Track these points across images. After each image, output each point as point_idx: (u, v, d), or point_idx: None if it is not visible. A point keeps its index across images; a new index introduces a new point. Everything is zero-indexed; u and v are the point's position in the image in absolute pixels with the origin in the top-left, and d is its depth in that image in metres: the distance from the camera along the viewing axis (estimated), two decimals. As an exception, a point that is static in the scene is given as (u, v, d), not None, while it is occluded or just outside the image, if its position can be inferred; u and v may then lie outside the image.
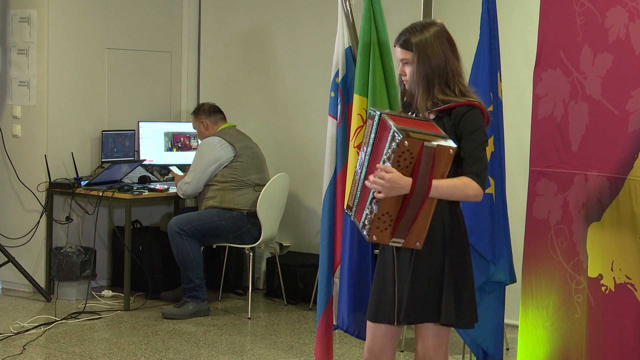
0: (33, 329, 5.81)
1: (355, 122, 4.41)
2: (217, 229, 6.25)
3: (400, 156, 3.21)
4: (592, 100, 3.85)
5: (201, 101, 7.31)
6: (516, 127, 5.35)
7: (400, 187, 3.23)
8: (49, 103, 6.68)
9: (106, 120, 7.03)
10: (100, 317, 6.16)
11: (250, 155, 6.43)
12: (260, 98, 7.26)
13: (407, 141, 3.18)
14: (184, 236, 6.18)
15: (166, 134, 7.12)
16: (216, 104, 6.61)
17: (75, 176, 6.67)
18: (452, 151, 3.21)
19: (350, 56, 4.54)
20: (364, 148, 3.43)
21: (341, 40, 4.54)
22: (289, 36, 7.10)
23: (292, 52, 7.09)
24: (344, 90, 4.52)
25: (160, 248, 6.67)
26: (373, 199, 3.28)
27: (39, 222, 6.67)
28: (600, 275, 3.82)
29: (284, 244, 7.00)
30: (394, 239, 3.31)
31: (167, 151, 7.12)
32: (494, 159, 4.40)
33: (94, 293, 6.66)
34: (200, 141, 6.54)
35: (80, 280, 6.56)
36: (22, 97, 6.76)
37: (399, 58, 3.49)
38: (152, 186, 6.64)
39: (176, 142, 7.15)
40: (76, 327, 5.93)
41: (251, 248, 6.43)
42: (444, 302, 3.39)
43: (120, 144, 6.98)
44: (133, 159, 6.99)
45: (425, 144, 3.19)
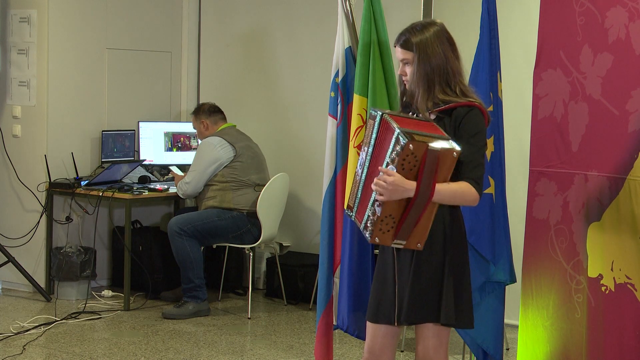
0: (33, 329, 5.81)
1: (355, 122, 4.41)
2: (217, 229, 6.25)
3: (405, 159, 3.18)
4: (592, 100, 3.85)
5: (201, 101, 7.31)
6: (516, 127, 5.35)
7: (403, 190, 3.21)
8: (49, 103, 6.68)
9: (106, 120, 7.03)
10: (100, 317, 6.16)
11: (250, 155, 6.43)
12: (260, 98, 7.26)
13: (412, 144, 3.14)
14: (184, 236, 6.18)
15: (166, 134, 7.11)
16: (216, 104, 6.61)
17: (75, 176, 6.67)
18: (456, 154, 3.19)
19: (350, 56, 4.54)
20: (364, 148, 3.41)
21: (341, 40, 4.54)
22: (289, 36, 7.10)
23: (292, 52, 7.08)
24: (344, 90, 4.52)
25: (160, 248, 6.67)
26: (375, 201, 3.26)
27: (39, 222, 6.67)
28: (600, 275, 3.82)
29: (284, 244, 6.99)
30: (396, 241, 3.30)
31: (167, 151, 7.12)
32: (494, 159, 4.40)
33: (94, 293, 6.66)
34: (200, 141, 6.54)
35: (80, 280, 6.56)
36: (22, 97, 6.76)
37: (399, 58, 3.48)
38: (152, 186, 6.64)
39: (176, 142, 7.14)
40: (76, 327, 5.93)
41: (251, 248, 6.43)
42: (444, 303, 3.38)
43: (120, 144, 6.97)
44: (133, 159, 6.99)
45: (429, 148, 3.16)
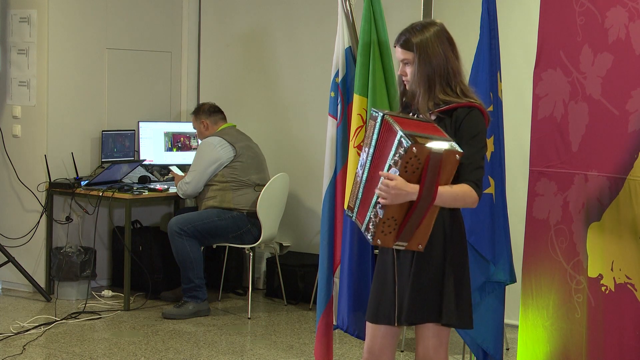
0: (33, 329, 5.81)
1: (355, 122, 4.41)
2: (217, 229, 6.25)
3: (408, 162, 3.16)
4: (592, 100, 3.85)
5: (201, 101, 7.31)
6: (516, 127, 5.35)
7: (406, 194, 3.20)
8: (49, 103, 6.68)
9: (106, 120, 7.03)
10: (100, 317, 6.15)
11: (251, 155, 6.43)
12: (260, 98, 7.26)
13: (416, 147, 3.12)
14: (184, 236, 6.18)
15: (166, 134, 7.11)
16: (216, 104, 6.61)
17: (75, 176, 6.67)
18: (459, 156, 3.18)
19: (350, 56, 4.54)
20: (365, 149, 3.39)
21: (341, 40, 4.54)
22: (289, 36, 7.10)
23: (292, 52, 7.08)
24: (344, 90, 4.51)
25: (160, 248, 6.67)
26: (377, 203, 3.26)
27: (39, 222, 6.67)
28: (600, 275, 3.82)
29: (284, 244, 6.99)
30: (397, 243, 3.29)
31: (167, 151, 7.12)
32: (494, 159, 4.39)
33: (94, 293, 6.66)
34: (200, 141, 6.54)
35: (80, 280, 6.56)
36: (22, 97, 6.76)
37: (399, 58, 3.47)
38: (152, 186, 6.64)
39: (176, 142, 7.14)
40: (76, 327, 5.93)
41: (251, 248, 6.43)
42: (445, 303, 3.38)
43: (120, 144, 6.97)
44: (133, 159, 6.99)
45: (432, 151, 3.14)
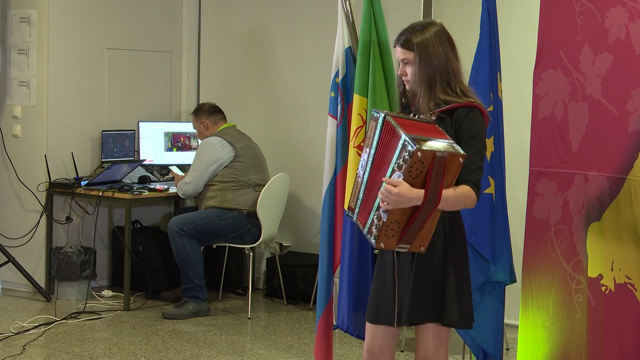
0: (33, 329, 5.81)
1: (355, 122, 4.41)
2: (217, 229, 6.25)
3: (412, 166, 3.15)
4: (592, 100, 3.85)
5: (201, 101, 7.31)
6: (516, 127, 5.35)
7: (410, 200, 3.19)
8: (49, 103, 6.68)
9: (106, 120, 7.03)
10: (100, 317, 6.15)
11: (251, 155, 6.43)
12: (260, 98, 7.26)
13: (421, 152, 3.12)
14: (184, 236, 6.17)
15: (166, 134, 7.11)
16: (216, 104, 6.61)
17: (75, 176, 6.67)
18: (462, 159, 3.18)
19: (350, 56, 4.54)
20: (366, 149, 3.38)
21: (341, 40, 4.54)
22: (289, 36, 7.10)
23: (292, 52, 7.08)
24: (344, 90, 4.52)
25: (160, 248, 6.67)
26: (381, 207, 3.25)
27: (39, 222, 6.67)
28: (600, 275, 3.82)
29: (284, 244, 6.99)
30: (400, 245, 3.29)
31: (167, 151, 7.12)
32: (494, 159, 4.39)
33: (94, 293, 6.66)
34: (200, 141, 6.54)
35: (80, 280, 6.56)
36: (22, 97, 6.76)
37: (399, 58, 3.46)
38: (152, 186, 6.64)
39: (176, 142, 7.14)
40: (76, 327, 5.93)
41: (251, 248, 6.43)
42: (446, 303, 3.38)
43: (120, 144, 6.97)
44: (133, 159, 6.99)
45: (437, 154, 3.14)
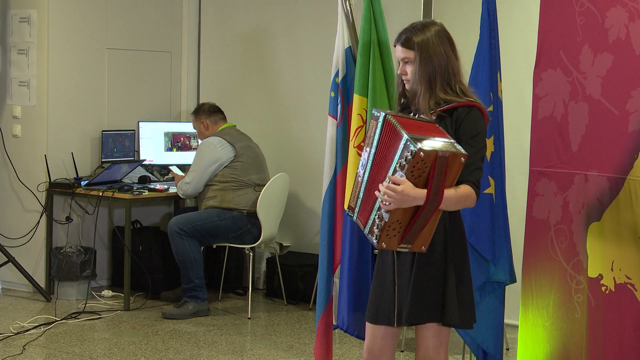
0: (33, 329, 5.81)
1: (355, 122, 4.41)
2: (217, 229, 6.24)
3: (415, 166, 3.15)
4: (592, 100, 3.85)
5: (201, 101, 7.31)
6: (516, 127, 5.35)
7: (413, 199, 3.19)
8: (49, 103, 6.68)
9: (106, 120, 7.03)
10: (100, 317, 6.15)
11: (251, 155, 6.43)
12: (260, 98, 7.26)
13: (423, 152, 3.12)
14: (184, 236, 6.17)
15: (166, 134, 7.11)
16: (216, 104, 6.61)
17: (75, 176, 6.67)
18: (464, 159, 3.18)
19: (350, 56, 4.54)
20: (366, 149, 3.38)
21: (341, 40, 4.54)
22: (289, 36, 7.10)
23: (292, 52, 7.08)
24: (344, 90, 4.51)
25: (160, 248, 6.67)
26: (382, 207, 3.25)
27: (39, 222, 6.67)
28: (600, 275, 3.82)
29: (284, 244, 6.99)
30: (401, 245, 3.29)
31: (167, 151, 7.12)
32: (494, 159, 4.39)
33: (94, 293, 6.66)
34: (200, 141, 6.54)
35: (80, 280, 6.56)
36: (22, 97, 6.76)
37: (399, 57, 3.46)
38: (152, 186, 6.64)
39: (176, 142, 7.14)
40: (76, 327, 5.93)
41: (251, 248, 6.43)
42: (447, 303, 3.38)
43: (120, 144, 6.97)
44: (133, 159, 6.99)
45: (439, 154, 3.14)
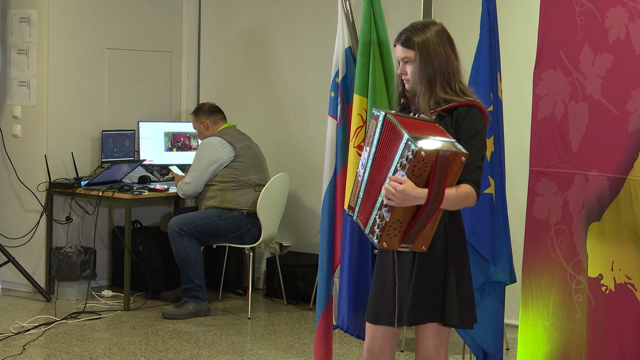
0: (33, 329, 5.81)
1: (355, 122, 4.41)
2: (217, 229, 6.24)
3: (416, 166, 3.15)
4: (592, 100, 3.85)
5: (201, 101, 7.31)
6: (516, 127, 5.35)
7: (414, 198, 3.18)
8: (49, 103, 6.68)
9: (106, 120, 7.03)
10: (100, 317, 6.15)
11: (251, 155, 6.43)
12: (260, 98, 7.26)
13: (424, 152, 3.12)
14: (184, 236, 6.17)
15: (166, 134, 7.11)
16: (216, 104, 6.61)
17: (75, 176, 6.67)
18: (465, 158, 3.18)
19: (350, 56, 4.54)
20: (366, 148, 3.38)
21: (341, 40, 4.54)
22: (289, 36, 7.10)
23: (292, 52, 7.08)
24: (344, 90, 4.52)
25: (160, 248, 6.67)
26: (384, 206, 3.24)
27: (39, 222, 6.67)
28: (600, 275, 3.82)
29: (284, 244, 6.99)
30: (402, 245, 3.29)
31: (167, 151, 7.12)
32: (494, 159, 4.39)
33: (94, 293, 6.66)
34: (200, 141, 6.54)
35: (80, 280, 6.56)
36: (22, 97, 6.76)
37: (399, 57, 3.46)
38: (152, 186, 6.64)
39: (176, 142, 7.14)
40: (76, 327, 5.93)
41: (251, 248, 6.43)
42: (447, 303, 3.38)
43: (120, 144, 6.97)
44: (133, 159, 6.99)
45: (440, 154, 3.14)
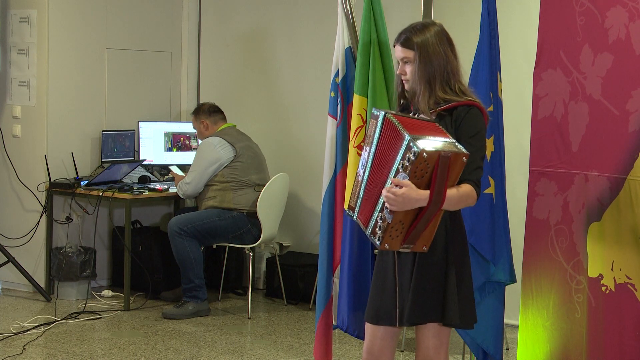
0: (33, 329, 5.81)
1: (355, 122, 4.41)
2: (217, 229, 6.24)
3: (418, 167, 3.14)
4: (592, 100, 3.85)
5: (201, 101, 7.31)
6: (516, 127, 5.35)
7: (416, 201, 3.17)
8: (49, 103, 6.68)
9: (106, 120, 7.03)
10: (100, 317, 6.15)
11: (251, 155, 6.43)
12: (260, 98, 7.26)
13: (426, 153, 3.11)
14: (184, 236, 6.17)
15: (166, 134, 7.11)
16: (216, 104, 6.61)
17: (75, 176, 6.67)
18: (465, 158, 3.17)
19: (350, 56, 4.54)
20: (366, 148, 3.38)
21: (341, 40, 4.54)
22: (289, 36, 7.10)
23: (292, 52, 7.08)
24: (344, 90, 4.52)
25: (160, 248, 6.67)
26: (385, 208, 3.23)
27: (39, 222, 6.67)
28: (600, 275, 3.82)
29: (284, 244, 6.99)
30: (404, 246, 3.29)
31: (167, 151, 7.12)
32: (494, 159, 4.39)
33: (94, 293, 6.66)
34: (200, 141, 6.54)
35: (80, 280, 6.56)
36: (22, 97, 6.76)
37: (399, 57, 3.46)
38: (152, 186, 6.64)
39: (176, 142, 7.14)
40: (76, 327, 5.93)
41: (251, 248, 6.43)
42: (448, 303, 3.38)
43: (120, 144, 6.97)
44: (133, 159, 6.99)
45: (441, 154, 3.13)
